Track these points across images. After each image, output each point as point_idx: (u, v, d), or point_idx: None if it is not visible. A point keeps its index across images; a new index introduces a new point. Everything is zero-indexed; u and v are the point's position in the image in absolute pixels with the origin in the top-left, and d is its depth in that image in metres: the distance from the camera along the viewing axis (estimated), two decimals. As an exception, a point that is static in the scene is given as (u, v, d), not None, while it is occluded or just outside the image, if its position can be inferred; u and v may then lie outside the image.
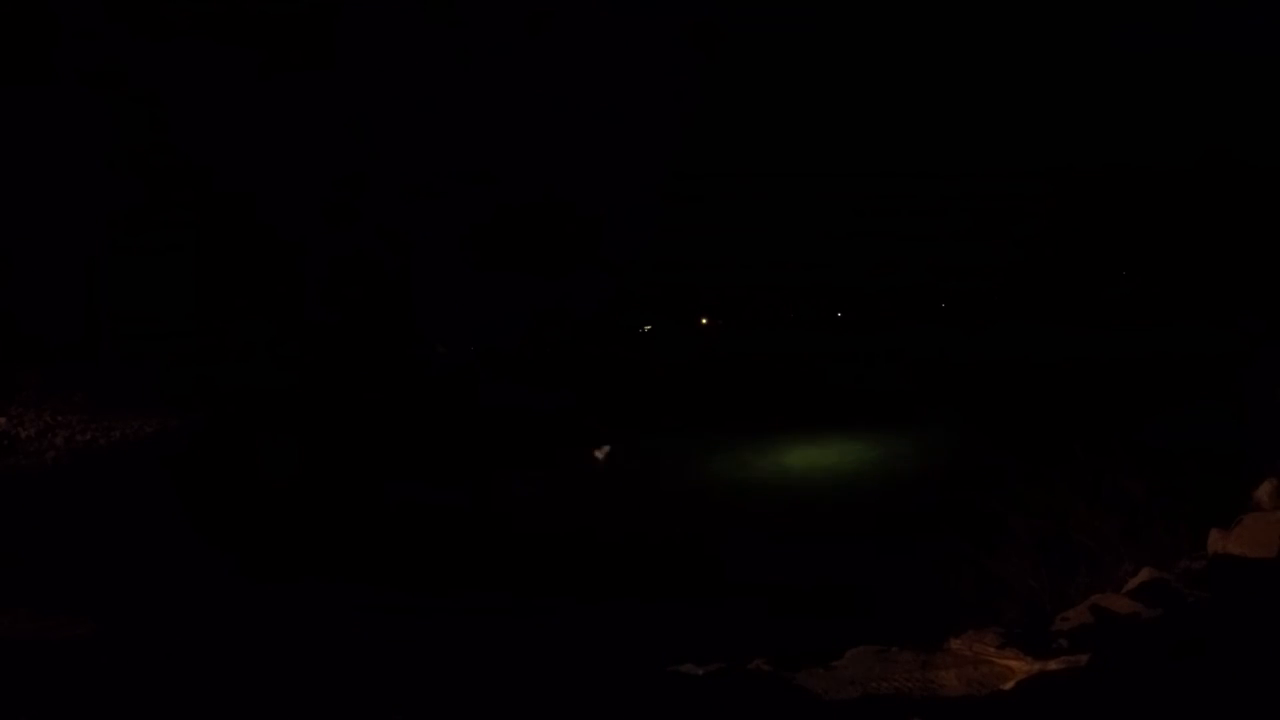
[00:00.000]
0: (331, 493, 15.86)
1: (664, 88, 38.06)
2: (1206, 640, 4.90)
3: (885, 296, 49.46)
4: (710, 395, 27.49)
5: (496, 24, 33.92)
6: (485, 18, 33.65)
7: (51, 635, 6.12)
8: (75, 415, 22.33)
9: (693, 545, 12.37)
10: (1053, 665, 4.75)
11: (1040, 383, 25.20)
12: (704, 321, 53.44)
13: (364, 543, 12.43)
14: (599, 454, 16.42)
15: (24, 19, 27.05)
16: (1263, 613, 5.31)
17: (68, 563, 10.41)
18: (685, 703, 4.94)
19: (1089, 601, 6.11)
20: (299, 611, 8.82)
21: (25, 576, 9.46)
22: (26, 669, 5.46)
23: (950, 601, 8.18)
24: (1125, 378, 24.41)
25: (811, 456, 18.14)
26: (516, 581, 10.51)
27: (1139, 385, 22.76)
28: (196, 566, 10.57)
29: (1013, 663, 4.91)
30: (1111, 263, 46.10)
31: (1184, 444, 15.58)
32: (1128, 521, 9.39)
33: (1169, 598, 5.85)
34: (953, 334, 38.72)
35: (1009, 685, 4.72)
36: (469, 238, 35.35)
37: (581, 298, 38.64)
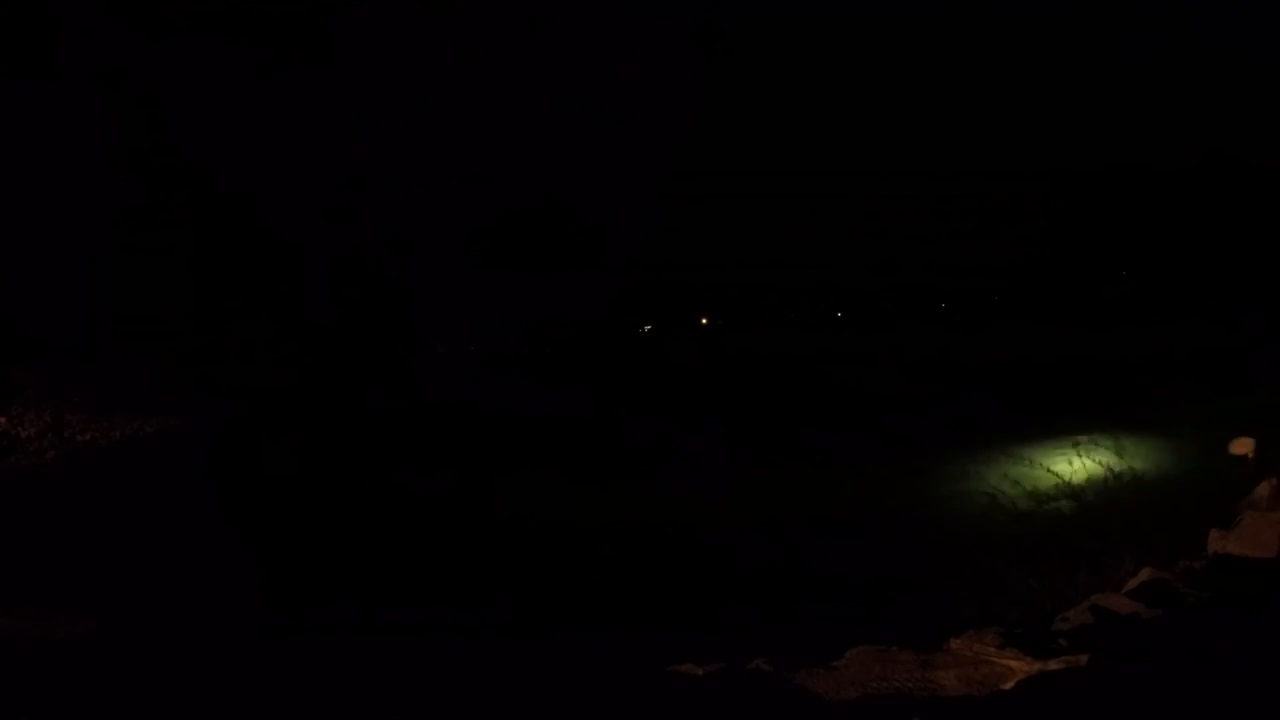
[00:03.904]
0: (331, 492, 15.86)
1: (664, 88, 38.05)
2: (1206, 640, 4.90)
3: (885, 296, 49.45)
4: (733, 394, 27.39)
5: (496, 24, 33.92)
6: (485, 18, 33.65)
7: (54, 635, 6.13)
8: (75, 415, 22.32)
9: (697, 539, 12.38)
10: (1053, 665, 4.75)
11: (1040, 382, 25.19)
12: (704, 321, 53.43)
13: (365, 544, 12.43)
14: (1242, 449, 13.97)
15: (24, 19, 27.06)
16: (1263, 613, 5.31)
17: (69, 563, 10.41)
18: (685, 703, 4.94)
19: (1089, 601, 6.12)
20: (300, 611, 8.83)
21: (27, 576, 9.46)
22: (29, 668, 5.46)
23: (950, 601, 8.17)
24: (1125, 377, 24.40)
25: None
26: (516, 584, 10.52)
27: (1138, 384, 22.75)
28: (197, 565, 10.56)
29: (1013, 663, 4.91)
30: (1111, 262, 46.10)
31: (1183, 442, 15.59)
32: (1128, 521, 9.40)
33: (1169, 598, 5.86)
34: (953, 334, 38.71)
35: (1009, 685, 4.73)
36: (469, 238, 35.36)
37: (582, 298, 38.64)
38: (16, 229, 27.95)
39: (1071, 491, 12.69)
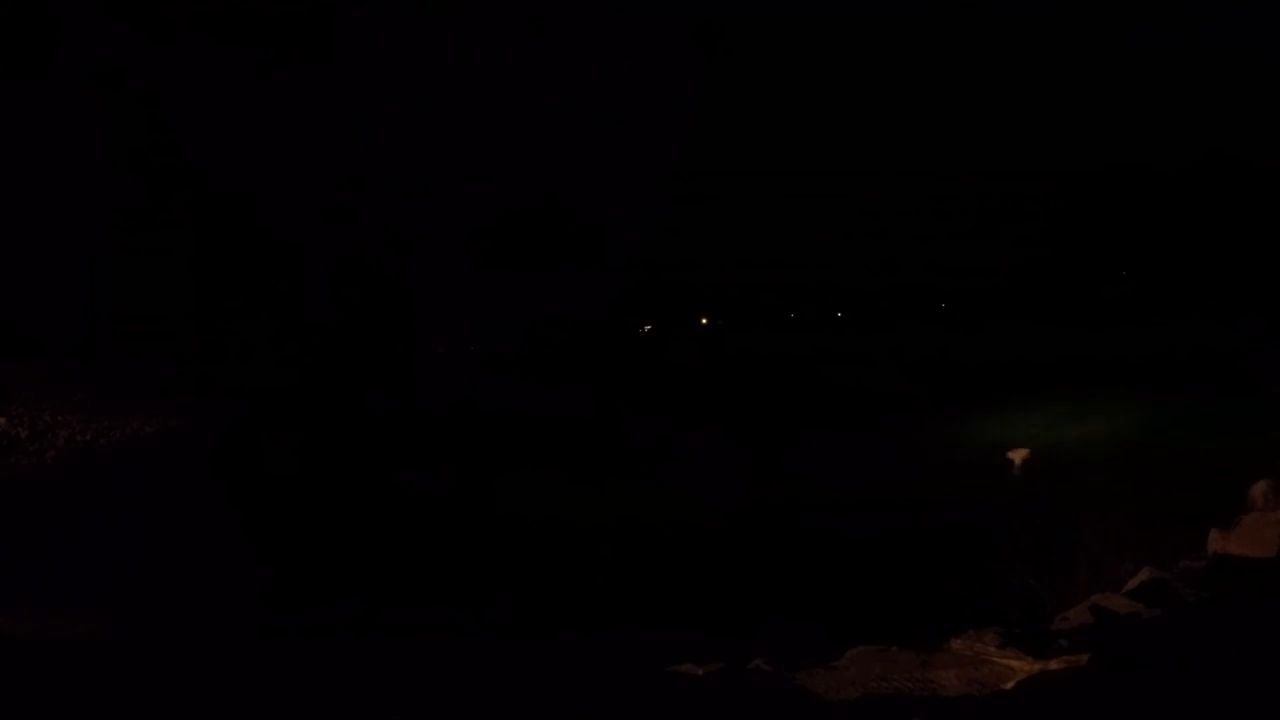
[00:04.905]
0: (332, 493, 15.85)
1: (664, 88, 38.04)
2: (1206, 640, 4.90)
3: (885, 296, 49.44)
4: (733, 394, 27.34)
5: (496, 24, 33.90)
6: (485, 18, 33.64)
7: (54, 635, 6.12)
8: (75, 415, 22.30)
9: (696, 538, 12.38)
10: (1053, 665, 4.75)
11: (1038, 382, 25.20)
12: (704, 321, 53.42)
13: (366, 544, 12.42)
14: (1015, 458, 15.30)
15: (24, 19, 27.05)
16: (1263, 613, 5.31)
17: (69, 563, 10.41)
18: (685, 703, 4.94)
19: (1089, 601, 6.12)
20: (302, 611, 8.83)
21: (27, 576, 9.46)
22: (28, 668, 5.46)
23: (950, 601, 8.17)
24: (1124, 376, 24.41)
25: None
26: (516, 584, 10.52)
27: (1138, 384, 22.76)
28: (197, 565, 10.57)
29: (1013, 663, 4.91)
30: (1111, 262, 46.09)
31: (1183, 443, 15.59)
32: (1128, 521, 9.40)
33: (1169, 598, 5.86)
34: (953, 334, 38.72)
35: (1009, 685, 4.73)
36: (469, 238, 35.32)
37: (581, 298, 38.62)
38: (16, 229, 27.94)
39: (1068, 493, 12.69)
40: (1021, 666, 4.83)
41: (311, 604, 9.15)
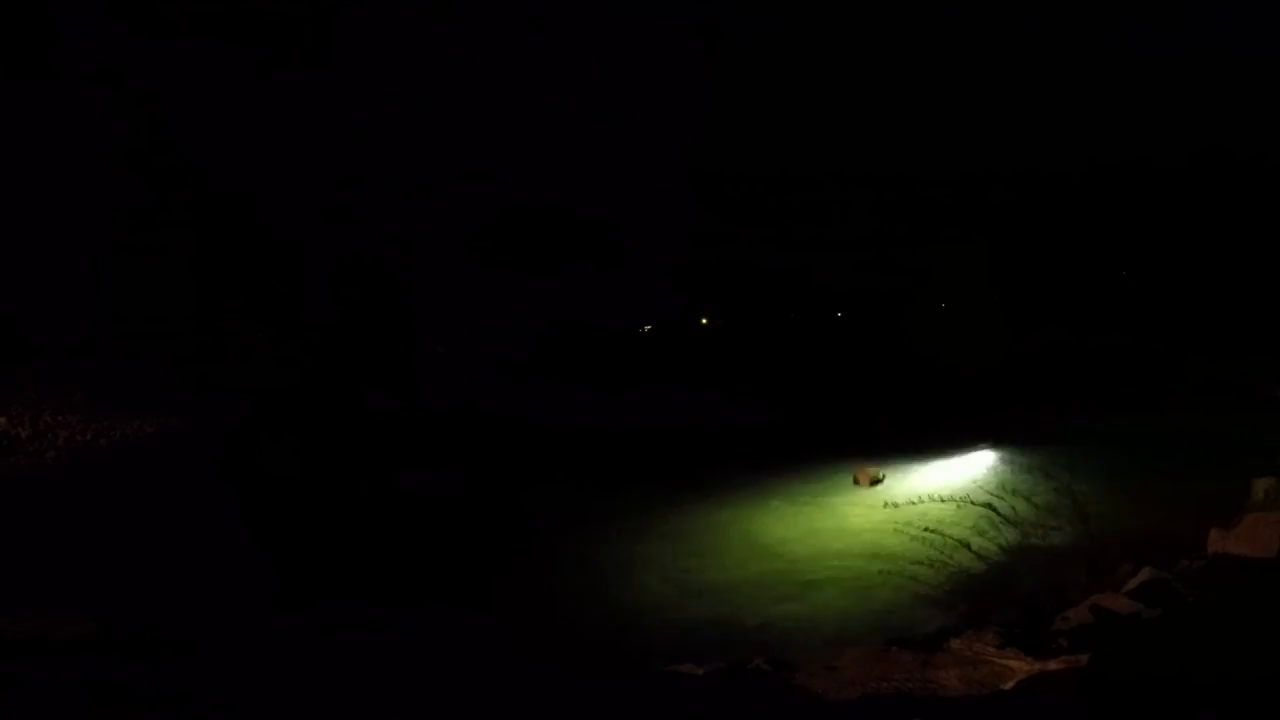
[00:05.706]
0: (330, 494, 15.87)
1: (665, 89, 38.11)
2: (1206, 640, 4.91)
3: (885, 297, 49.44)
4: (731, 395, 27.16)
5: (496, 24, 33.95)
6: (485, 18, 33.69)
7: (54, 635, 6.12)
8: (75, 415, 22.32)
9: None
10: (1053, 665, 4.75)
11: (1038, 382, 25.21)
12: (704, 321, 53.43)
13: (364, 546, 12.43)
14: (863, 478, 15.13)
15: (24, 19, 27.08)
16: (1263, 613, 5.32)
17: (69, 563, 10.41)
18: (685, 702, 4.95)
19: (1089, 601, 6.12)
20: (302, 612, 8.83)
21: (27, 577, 9.47)
22: (28, 668, 5.46)
23: (950, 601, 8.18)
24: (1125, 377, 24.42)
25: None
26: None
27: (1139, 384, 22.77)
28: (197, 564, 10.56)
29: (1013, 663, 4.91)
30: (1111, 263, 46.09)
31: (1183, 442, 15.60)
32: (1127, 522, 9.41)
33: (1169, 598, 5.87)
34: (952, 335, 38.73)
35: (1009, 685, 4.73)
36: (469, 238, 35.37)
37: (581, 299, 38.66)
38: (17, 229, 27.98)
39: (1068, 496, 12.69)
40: (1021, 666, 4.84)
41: (314, 606, 9.15)
